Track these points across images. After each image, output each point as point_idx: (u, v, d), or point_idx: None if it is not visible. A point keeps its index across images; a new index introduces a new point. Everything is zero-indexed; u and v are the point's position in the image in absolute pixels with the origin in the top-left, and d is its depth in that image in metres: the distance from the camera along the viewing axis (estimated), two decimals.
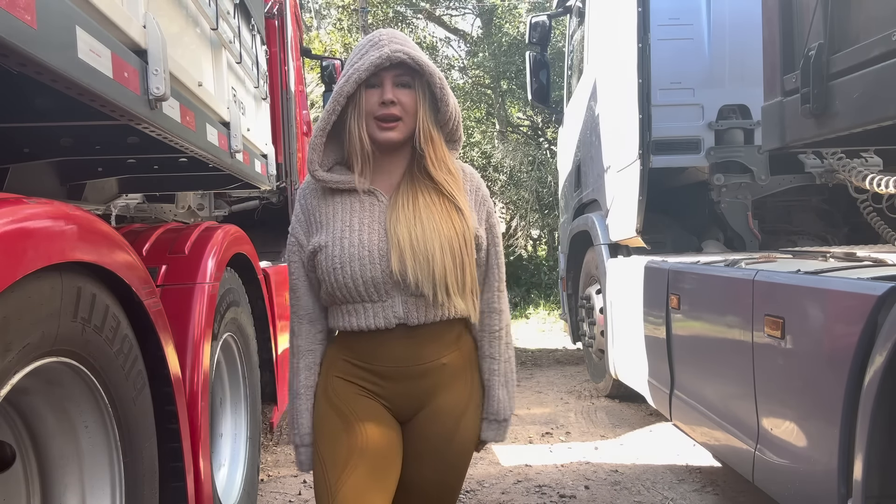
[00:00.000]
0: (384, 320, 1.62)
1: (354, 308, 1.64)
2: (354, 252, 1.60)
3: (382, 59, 1.59)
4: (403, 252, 1.58)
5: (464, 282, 1.63)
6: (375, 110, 1.62)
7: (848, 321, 2.10)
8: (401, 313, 1.63)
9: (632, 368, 4.57)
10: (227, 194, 4.39)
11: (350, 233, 1.62)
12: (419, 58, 1.61)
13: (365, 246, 1.60)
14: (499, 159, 14.02)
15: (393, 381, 1.68)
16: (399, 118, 1.63)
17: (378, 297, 1.62)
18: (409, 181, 1.68)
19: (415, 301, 1.62)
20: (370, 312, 1.63)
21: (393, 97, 1.61)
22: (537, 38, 6.51)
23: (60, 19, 1.40)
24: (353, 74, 1.60)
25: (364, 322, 1.63)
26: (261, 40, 4.00)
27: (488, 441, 1.82)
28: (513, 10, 15.17)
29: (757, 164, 4.50)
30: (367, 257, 1.60)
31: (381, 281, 1.60)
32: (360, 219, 1.64)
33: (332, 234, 1.63)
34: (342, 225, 1.63)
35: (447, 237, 1.61)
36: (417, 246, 1.58)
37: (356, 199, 1.67)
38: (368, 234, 1.62)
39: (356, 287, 1.60)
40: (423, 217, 1.61)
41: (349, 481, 1.60)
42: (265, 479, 4.00)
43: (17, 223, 1.30)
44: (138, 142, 2.26)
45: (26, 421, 1.63)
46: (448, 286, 1.60)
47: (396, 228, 1.60)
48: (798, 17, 2.49)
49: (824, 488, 2.14)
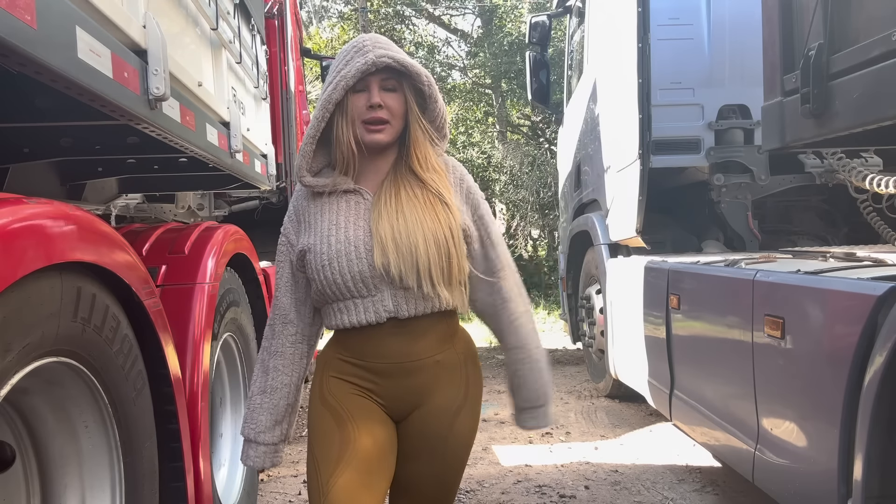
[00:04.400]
0: (374, 315, 1.64)
1: (345, 305, 1.66)
2: (341, 248, 1.63)
3: (368, 65, 1.62)
4: (386, 246, 1.61)
5: (450, 272, 1.64)
6: (363, 114, 1.65)
7: (848, 321, 2.10)
8: (390, 307, 1.64)
9: (632, 368, 4.57)
10: (227, 194, 4.40)
11: (336, 230, 1.65)
12: (403, 60, 1.65)
13: (350, 242, 1.63)
14: (499, 159, 14.03)
15: (387, 378, 1.69)
16: (387, 121, 1.66)
17: (367, 291, 1.64)
18: (393, 178, 1.71)
19: (403, 294, 1.64)
20: (360, 308, 1.65)
21: (380, 101, 1.64)
22: (537, 38, 6.52)
23: (60, 19, 1.40)
24: (341, 81, 1.63)
25: (355, 318, 1.65)
26: (261, 40, 4.00)
27: (533, 428, 1.85)
28: (514, 10, 15.17)
29: (757, 164, 4.50)
30: (353, 252, 1.62)
31: (369, 275, 1.62)
32: (345, 217, 1.67)
33: (319, 234, 1.66)
34: (328, 224, 1.67)
35: (431, 229, 1.63)
36: (400, 239, 1.61)
37: (342, 199, 1.70)
38: (354, 230, 1.65)
39: (344, 283, 1.63)
40: (405, 211, 1.64)
41: (340, 480, 1.60)
42: (265, 479, 4.00)
43: (17, 223, 1.31)
44: (138, 142, 2.26)
45: (26, 421, 1.63)
46: (433, 277, 1.62)
47: (379, 224, 1.64)
48: (798, 17, 2.49)
49: (824, 488, 2.14)
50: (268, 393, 1.75)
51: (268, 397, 1.75)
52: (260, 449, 1.76)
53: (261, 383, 1.77)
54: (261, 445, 1.76)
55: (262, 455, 1.76)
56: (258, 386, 1.77)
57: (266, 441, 1.76)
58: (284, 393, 1.76)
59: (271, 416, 1.75)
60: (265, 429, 1.75)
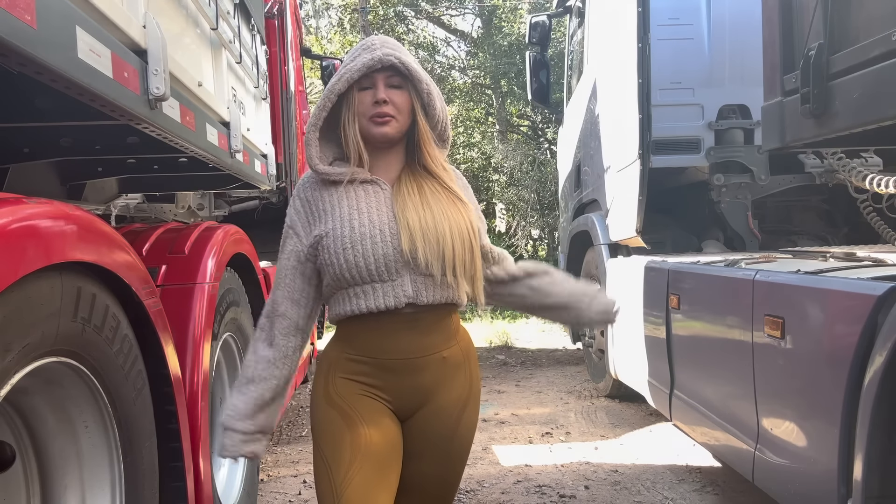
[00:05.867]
0: (394, 299, 1.64)
1: (363, 290, 1.64)
2: (365, 231, 1.63)
3: (374, 61, 1.66)
4: (414, 233, 1.63)
5: (473, 266, 1.69)
6: (369, 110, 1.68)
7: (848, 321, 2.10)
8: (410, 292, 1.65)
9: (632, 368, 4.57)
10: (227, 194, 4.40)
11: (359, 214, 1.66)
12: (409, 62, 1.69)
13: (375, 225, 1.64)
14: (499, 160, 14.03)
15: (396, 376, 1.69)
16: (392, 116, 1.68)
17: (388, 276, 1.64)
18: (410, 173, 1.74)
19: (423, 280, 1.65)
20: (380, 292, 1.64)
21: (385, 97, 1.67)
22: (537, 38, 6.52)
23: (60, 19, 1.40)
24: (346, 74, 1.67)
25: (373, 303, 1.64)
26: (261, 40, 4.00)
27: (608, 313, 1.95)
28: (514, 10, 15.18)
29: (757, 164, 4.50)
30: (378, 235, 1.63)
31: (393, 259, 1.63)
32: (366, 203, 1.68)
33: (339, 218, 1.66)
34: (349, 209, 1.66)
35: (456, 223, 1.67)
36: (428, 229, 1.63)
37: (360, 188, 1.71)
38: (378, 215, 1.66)
39: (367, 265, 1.62)
40: (430, 203, 1.68)
41: (354, 481, 1.60)
42: (265, 479, 4.00)
43: (17, 223, 1.31)
44: (138, 142, 2.26)
45: (26, 421, 1.63)
46: (457, 268, 1.65)
47: (405, 212, 1.65)
48: (798, 17, 2.49)
49: (824, 488, 2.14)
50: (255, 382, 1.70)
51: (253, 386, 1.70)
52: (235, 437, 1.69)
53: (249, 372, 1.72)
54: (237, 433, 1.69)
55: (237, 443, 1.69)
56: (246, 375, 1.72)
57: (241, 429, 1.69)
58: (272, 384, 1.71)
59: (253, 404, 1.70)
60: (243, 416, 1.69)
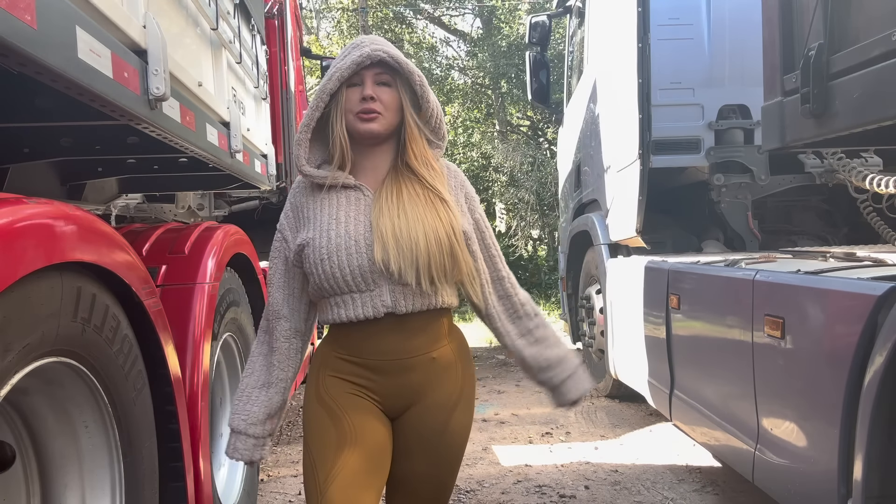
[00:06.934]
0: (372, 309, 1.65)
1: (343, 299, 1.66)
2: (341, 242, 1.64)
3: (363, 58, 1.67)
4: (387, 243, 1.62)
5: (454, 269, 1.67)
6: (356, 107, 1.69)
7: (848, 321, 2.10)
8: (388, 302, 1.65)
9: (632, 368, 4.57)
10: (227, 194, 4.40)
11: (336, 225, 1.66)
12: (398, 56, 1.70)
13: (351, 236, 1.65)
14: (499, 160, 14.03)
15: (383, 375, 1.70)
16: (379, 112, 1.69)
17: (366, 286, 1.65)
18: (394, 176, 1.74)
19: (402, 290, 1.65)
20: (358, 302, 1.65)
21: (373, 93, 1.68)
22: (537, 38, 6.52)
23: (60, 19, 1.40)
24: (336, 73, 1.68)
25: (353, 312, 1.65)
26: (261, 40, 4.00)
27: (585, 391, 1.92)
28: (513, 11, 15.18)
29: (757, 164, 4.50)
30: (353, 247, 1.63)
31: (368, 269, 1.63)
32: (346, 212, 1.69)
33: (318, 228, 1.67)
34: (328, 218, 1.68)
35: (432, 227, 1.65)
36: (401, 236, 1.63)
37: (342, 195, 1.71)
38: (354, 225, 1.67)
39: (343, 276, 1.63)
40: (406, 209, 1.66)
41: (338, 479, 1.61)
42: (265, 479, 4.00)
43: (17, 223, 1.31)
44: (138, 142, 2.26)
45: (26, 421, 1.63)
46: (433, 275, 1.64)
47: (380, 220, 1.65)
48: (798, 17, 2.49)
49: (824, 488, 2.14)
50: (263, 387, 1.76)
51: (263, 391, 1.76)
52: (249, 441, 1.75)
53: (255, 378, 1.77)
54: (250, 438, 1.75)
55: (250, 447, 1.76)
56: (253, 380, 1.77)
57: (256, 433, 1.75)
58: (280, 388, 1.77)
59: (265, 409, 1.75)
60: (257, 421, 1.75)
